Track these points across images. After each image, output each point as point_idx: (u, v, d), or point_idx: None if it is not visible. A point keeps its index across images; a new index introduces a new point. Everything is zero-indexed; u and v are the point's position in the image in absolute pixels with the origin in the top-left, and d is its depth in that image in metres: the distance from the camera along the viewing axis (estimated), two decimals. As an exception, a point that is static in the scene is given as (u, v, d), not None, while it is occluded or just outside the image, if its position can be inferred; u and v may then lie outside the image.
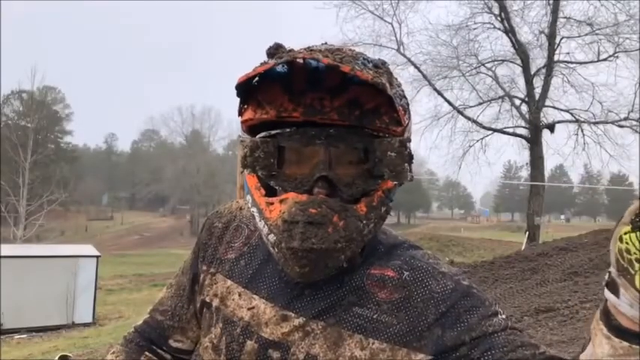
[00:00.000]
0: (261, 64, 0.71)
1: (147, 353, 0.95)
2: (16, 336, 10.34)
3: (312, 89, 0.71)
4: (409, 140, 0.75)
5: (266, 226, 0.73)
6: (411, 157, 0.76)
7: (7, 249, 11.72)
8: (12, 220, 27.21)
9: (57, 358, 1.29)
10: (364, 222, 0.72)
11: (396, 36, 14.59)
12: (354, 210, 0.71)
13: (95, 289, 12.05)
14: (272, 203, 0.73)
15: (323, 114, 0.71)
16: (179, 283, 0.97)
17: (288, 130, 0.75)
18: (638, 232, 0.59)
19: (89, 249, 12.88)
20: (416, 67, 14.48)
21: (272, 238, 0.72)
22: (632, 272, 0.58)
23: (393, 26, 14.57)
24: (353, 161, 0.74)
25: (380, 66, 0.73)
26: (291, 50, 0.72)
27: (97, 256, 12.29)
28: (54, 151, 41.64)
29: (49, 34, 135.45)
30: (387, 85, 0.69)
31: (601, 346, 0.63)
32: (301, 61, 0.67)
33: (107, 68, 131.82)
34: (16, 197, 27.44)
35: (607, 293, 0.62)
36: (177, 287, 0.97)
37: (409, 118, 0.78)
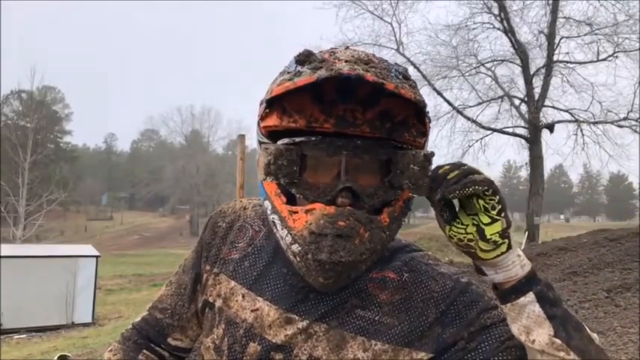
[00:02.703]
0: (295, 73, 0.70)
1: (145, 351, 0.95)
2: (16, 336, 10.32)
3: (342, 99, 0.70)
4: (433, 155, 0.74)
5: (289, 235, 0.72)
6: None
7: (7, 249, 11.70)
8: (11, 220, 27.13)
9: (56, 357, 1.29)
10: (387, 233, 0.73)
11: (395, 36, 14.62)
12: (378, 221, 0.72)
13: (95, 289, 12.01)
14: (296, 212, 0.72)
15: (355, 126, 0.71)
16: (180, 282, 0.97)
17: (313, 138, 0.73)
18: (453, 224, 0.70)
19: (89, 249, 12.85)
20: (415, 67, 14.48)
21: (296, 248, 0.71)
22: (474, 251, 0.69)
23: (392, 26, 14.60)
24: (374, 171, 0.74)
25: (408, 76, 0.73)
26: (323, 60, 0.70)
27: (97, 256, 12.25)
28: (53, 151, 41.53)
29: (49, 33, 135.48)
30: (424, 101, 0.69)
31: (507, 321, 0.72)
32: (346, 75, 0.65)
33: (107, 68, 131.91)
34: (16, 197, 27.36)
35: (484, 278, 0.72)
36: (178, 286, 0.96)
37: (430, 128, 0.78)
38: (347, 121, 0.71)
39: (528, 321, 0.67)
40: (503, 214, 0.67)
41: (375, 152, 0.73)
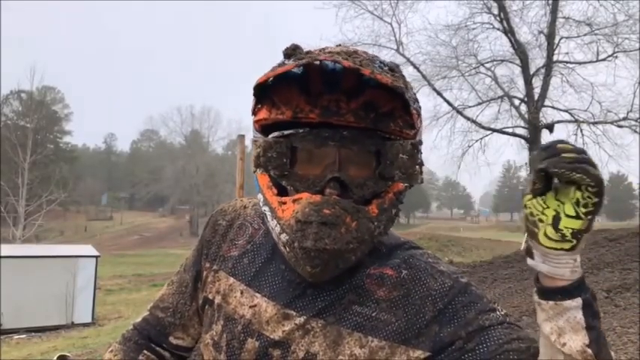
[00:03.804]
0: (279, 64, 0.72)
1: (145, 351, 0.95)
2: (16, 336, 10.32)
3: (328, 91, 0.72)
4: (421, 143, 0.75)
5: (278, 226, 0.73)
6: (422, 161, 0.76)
7: (7, 249, 11.70)
8: (11, 220, 27.11)
9: (56, 357, 1.29)
10: (375, 223, 0.73)
11: (395, 36, 14.56)
12: (365, 211, 0.72)
13: (94, 289, 12.02)
14: (285, 203, 0.73)
15: (339, 116, 0.72)
16: (181, 280, 0.97)
17: (301, 130, 0.75)
18: (538, 198, 0.66)
19: (88, 249, 12.85)
20: (415, 67, 14.44)
21: (284, 237, 0.72)
22: (537, 231, 0.66)
23: (392, 26, 14.54)
24: (364, 163, 0.75)
25: (395, 69, 0.74)
26: (309, 52, 0.72)
27: (97, 256, 12.26)
28: (53, 151, 41.41)
29: (48, 33, 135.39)
30: (404, 88, 0.70)
31: (538, 315, 0.69)
32: (323, 63, 0.67)
33: (107, 68, 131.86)
34: (16, 197, 27.34)
35: (528, 260, 0.69)
36: (179, 284, 0.97)
37: (421, 121, 0.78)
38: (331, 110, 0.72)
39: (566, 324, 0.65)
40: (590, 217, 0.63)
41: (363, 143, 0.74)
